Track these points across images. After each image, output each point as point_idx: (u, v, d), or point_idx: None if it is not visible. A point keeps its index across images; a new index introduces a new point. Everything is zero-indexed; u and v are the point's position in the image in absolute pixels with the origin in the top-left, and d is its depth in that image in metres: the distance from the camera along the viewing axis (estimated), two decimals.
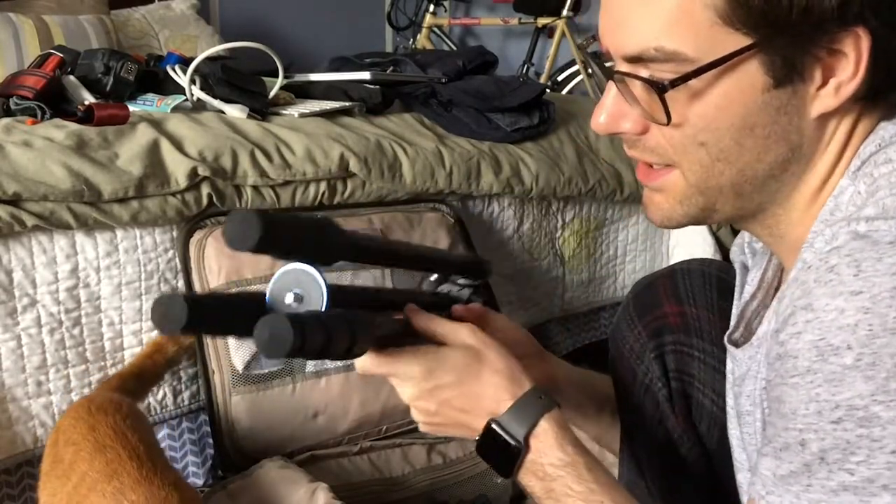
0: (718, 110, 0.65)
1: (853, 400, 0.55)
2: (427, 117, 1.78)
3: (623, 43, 0.67)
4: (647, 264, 2.05)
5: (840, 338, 0.56)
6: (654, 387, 0.96)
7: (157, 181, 1.34)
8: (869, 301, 0.55)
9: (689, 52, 0.64)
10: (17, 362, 1.26)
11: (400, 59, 2.05)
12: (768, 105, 0.65)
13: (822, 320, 0.57)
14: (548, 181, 1.77)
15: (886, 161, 0.63)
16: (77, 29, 2.35)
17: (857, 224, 0.59)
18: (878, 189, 0.62)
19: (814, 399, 0.57)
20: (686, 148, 0.68)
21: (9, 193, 1.20)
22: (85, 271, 1.31)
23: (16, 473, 1.28)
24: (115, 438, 1.02)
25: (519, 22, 3.82)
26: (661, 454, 0.96)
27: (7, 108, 1.46)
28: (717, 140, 0.67)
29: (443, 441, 1.51)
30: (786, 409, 0.59)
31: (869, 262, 0.56)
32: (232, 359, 1.34)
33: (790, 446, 0.59)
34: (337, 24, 3.68)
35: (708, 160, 0.68)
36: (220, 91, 1.60)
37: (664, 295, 0.97)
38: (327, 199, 1.53)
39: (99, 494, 0.96)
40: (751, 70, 0.64)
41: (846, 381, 0.55)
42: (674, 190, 0.72)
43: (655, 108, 0.67)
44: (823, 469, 0.57)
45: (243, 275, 1.38)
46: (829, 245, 0.60)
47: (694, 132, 0.67)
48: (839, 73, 0.64)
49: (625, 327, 0.98)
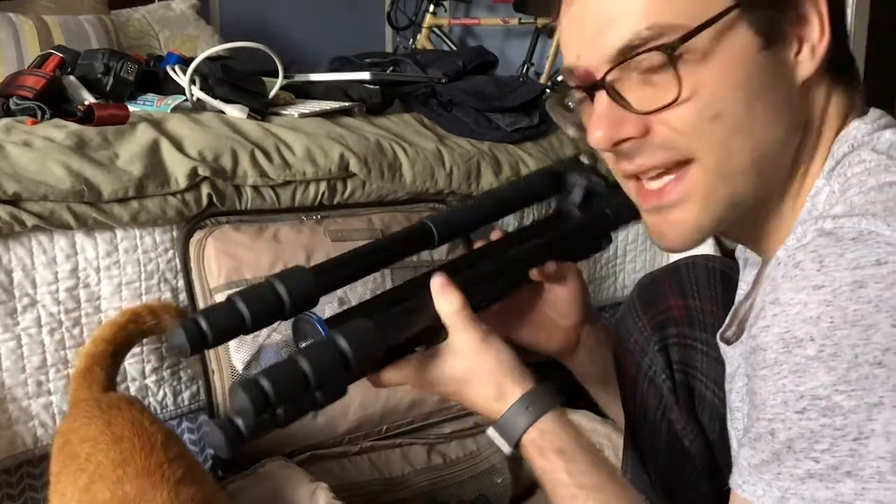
0: (723, 74, 0.65)
1: (816, 390, 0.56)
2: (427, 117, 1.78)
3: (608, 44, 0.67)
4: (647, 264, 2.05)
5: (804, 330, 0.57)
6: (658, 379, 0.96)
7: (157, 181, 1.34)
8: (830, 294, 0.56)
9: (682, 20, 0.64)
10: (17, 362, 1.26)
11: (400, 59, 2.05)
12: (765, 66, 0.66)
13: (787, 313, 0.58)
14: None
15: (859, 161, 0.66)
16: (77, 29, 2.35)
17: (825, 222, 0.61)
18: (849, 188, 0.64)
19: (780, 390, 0.58)
20: (701, 126, 0.66)
21: (9, 193, 1.21)
22: (85, 271, 1.31)
23: (16, 473, 1.28)
24: (132, 430, 1.03)
25: (519, 22, 3.81)
26: (665, 446, 0.97)
27: (7, 108, 1.46)
28: (731, 106, 0.66)
29: (443, 441, 1.51)
30: (757, 401, 0.61)
31: (831, 258, 0.57)
32: (232, 359, 1.34)
33: (762, 436, 0.60)
34: (337, 24, 3.68)
35: (725, 135, 0.66)
36: (220, 91, 1.61)
37: (669, 289, 0.98)
38: (327, 199, 1.53)
39: (105, 481, 0.97)
40: (742, 30, 0.65)
41: (809, 372, 0.57)
42: (695, 191, 0.69)
43: (659, 92, 0.66)
44: (791, 457, 0.58)
45: (243, 275, 1.38)
46: (798, 242, 0.61)
47: (707, 102, 0.65)
48: (809, 36, 0.67)
49: (629, 321, 0.99)
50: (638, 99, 0.67)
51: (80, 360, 1.23)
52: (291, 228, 1.45)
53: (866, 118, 0.70)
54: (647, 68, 0.66)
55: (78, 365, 1.23)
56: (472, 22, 4.04)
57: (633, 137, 0.69)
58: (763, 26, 0.66)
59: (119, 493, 0.93)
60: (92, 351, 1.24)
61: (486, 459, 1.53)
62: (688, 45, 0.64)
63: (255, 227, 1.43)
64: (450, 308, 0.77)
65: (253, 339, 1.35)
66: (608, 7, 0.67)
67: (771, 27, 0.66)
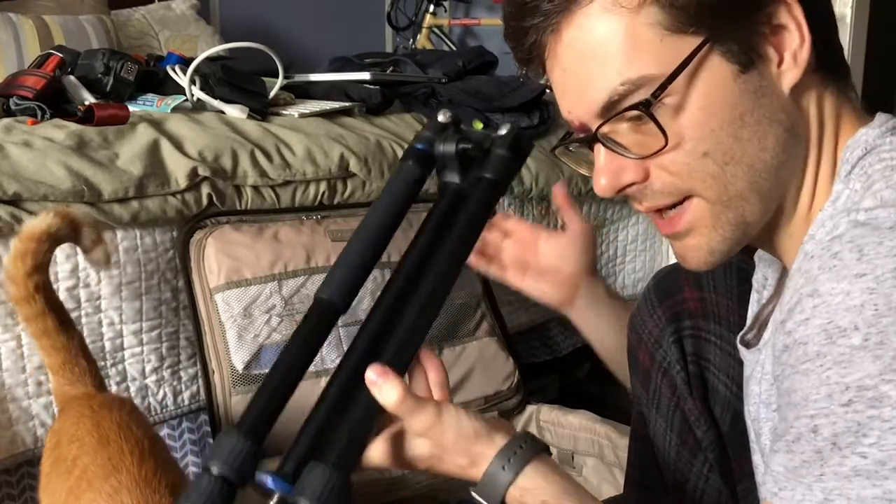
0: (705, 113, 0.66)
1: (863, 380, 0.55)
2: (427, 117, 1.78)
3: (592, 100, 0.68)
4: (647, 264, 2.05)
5: (847, 319, 0.56)
6: (673, 370, 0.97)
7: (157, 181, 1.34)
8: (873, 282, 0.56)
9: (652, 71, 0.65)
10: (17, 362, 1.26)
11: (400, 59, 2.05)
12: (745, 91, 0.66)
13: (828, 304, 0.57)
14: (548, 181, 1.77)
15: (879, 160, 0.65)
16: (77, 29, 2.35)
17: (857, 214, 0.61)
18: (874, 183, 0.64)
19: (824, 382, 0.57)
20: (692, 167, 0.68)
21: (9, 193, 1.21)
22: (85, 271, 1.31)
23: (16, 473, 1.28)
24: (119, 433, 1.02)
25: None
26: (677, 437, 0.97)
27: (7, 108, 1.46)
28: (717, 143, 0.67)
29: None
30: (797, 398, 0.59)
31: (871, 246, 0.57)
32: (232, 359, 1.34)
33: (802, 436, 0.59)
34: (337, 24, 3.68)
35: (717, 169, 0.68)
36: (220, 91, 1.61)
37: (685, 281, 0.98)
38: (327, 199, 1.53)
39: (96, 492, 0.95)
40: (715, 64, 0.66)
41: (855, 362, 0.56)
42: (701, 219, 0.71)
43: (649, 139, 0.67)
44: (836, 455, 0.57)
45: (243, 275, 1.38)
46: (830, 235, 0.61)
47: (693, 145, 0.67)
48: (789, 45, 0.67)
49: (645, 313, 0.99)
50: (633, 144, 0.69)
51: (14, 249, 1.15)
52: (291, 228, 1.46)
53: (873, 123, 0.69)
54: (632, 118, 0.68)
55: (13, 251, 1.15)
56: (472, 22, 4.04)
57: (636, 183, 0.70)
58: (736, 53, 0.65)
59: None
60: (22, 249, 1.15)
61: None
62: (665, 95, 0.65)
63: (255, 227, 1.43)
64: (393, 399, 0.69)
65: (253, 338, 1.35)
66: (585, 68, 0.68)
67: (745, 51, 0.66)
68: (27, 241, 1.14)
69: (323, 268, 1.44)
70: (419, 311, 0.69)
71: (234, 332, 1.35)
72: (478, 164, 0.72)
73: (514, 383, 1.57)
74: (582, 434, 1.52)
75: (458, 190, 0.73)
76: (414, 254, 0.72)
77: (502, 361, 1.57)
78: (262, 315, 1.37)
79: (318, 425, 0.70)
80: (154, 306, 1.39)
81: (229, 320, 1.35)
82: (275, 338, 1.36)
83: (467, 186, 0.73)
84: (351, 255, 0.71)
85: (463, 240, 0.70)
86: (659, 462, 1.00)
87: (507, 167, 0.71)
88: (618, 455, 1.45)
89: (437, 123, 0.75)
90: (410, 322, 0.69)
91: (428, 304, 0.69)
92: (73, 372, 1.16)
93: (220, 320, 1.36)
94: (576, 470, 1.54)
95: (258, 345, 1.35)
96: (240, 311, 1.36)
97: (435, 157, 0.74)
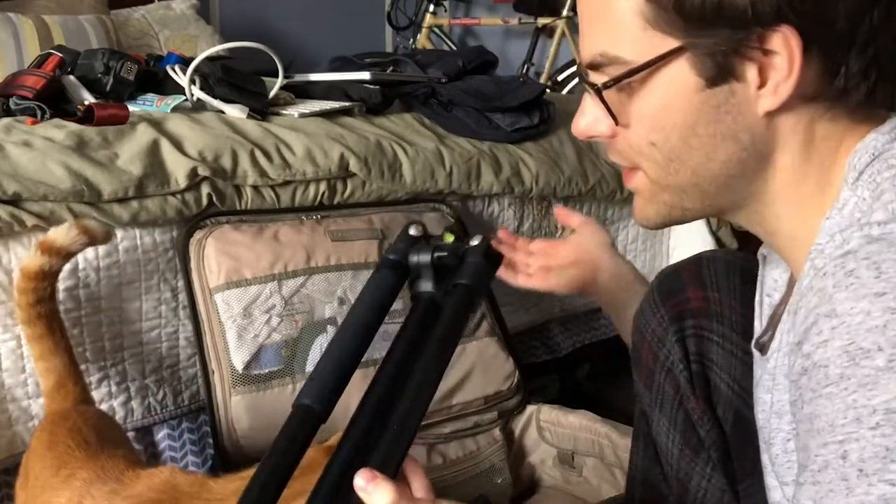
0: (659, 110, 0.69)
1: (890, 402, 0.53)
2: (427, 117, 1.78)
3: (585, 52, 0.72)
4: (647, 264, 2.05)
5: (870, 339, 0.55)
6: (676, 369, 0.97)
7: (157, 181, 1.34)
8: (894, 301, 0.54)
9: (626, 55, 0.67)
10: (17, 362, 1.26)
11: (400, 59, 2.05)
12: (706, 105, 0.67)
13: (848, 324, 0.56)
14: (548, 181, 1.77)
15: (888, 167, 0.64)
16: (77, 29, 2.35)
17: (870, 228, 0.59)
18: (883, 192, 0.62)
19: (851, 406, 0.55)
20: (641, 148, 0.71)
21: (9, 193, 1.21)
22: (85, 271, 1.31)
23: (15, 473, 1.28)
24: (67, 436, 1.05)
25: (519, 22, 3.81)
26: (681, 436, 0.98)
27: (7, 108, 1.46)
28: (665, 139, 0.69)
29: (443, 441, 1.51)
30: (821, 424, 0.57)
31: (888, 263, 0.56)
32: (232, 359, 1.34)
33: (830, 463, 0.56)
34: (337, 24, 3.68)
35: (661, 159, 0.71)
36: (220, 91, 1.61)
37: (688, 280, 0.99)
38: (327, 199, 1.53)
39: (50, 490, 0.97)
40: (682, 71, 0.66)
41: (881, 384, 0.54)
42: (643, 190, 0.75)
43: (621, 107, 0.71)
44: (862, 483, 0.54)
45: (243, 275, 1.38)
46: (840, 249, 0.60)
47: (643, 132, 0.70)
48: (774, 74, 0.65)
49: (648, 312, 0.99)
50: (613, 102, 0.71)
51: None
52: (291, 228, 1.46)
53: (883, 128, 0.67)
54: None
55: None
56: (472, 22, 4.05)
57: (605, 136, 0.74)
58: (708, 68, 0.65)
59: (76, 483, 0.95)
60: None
61: (486, 459, 1.52)
62: (629, 81, 0.68)
63: (255, 227, 1.43)
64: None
65: (253, 338, 1.35)
66: (587, 24, 0.72)
67: (717, 67, 0.65)
68: (25, 280, 1.19)
69: (323, 268, 1.44)
70: (402, 422, 0.68)
71: (233, 332, 1.35)
72: (451, 273, 0.73)
73: (515, 383, 1.57)
74: (582, 434, 1.52)
75: (433, 298, 0.75)
76: (390, 364, 0.72)
77: (502, 361, 1.57)
78: (261, 315, 1.37)
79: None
80: (154, 306, 1.39)
81: (229, 320, 1.35)
82: (275, 338, 1.36)
83: (443, 294, 0.74)
84: (329, 361, 0.71)
85: (445, 343, 0.71)
86: (662, 461, 1.00)
87: (482, 274, 0.73)
88: (618, 455, 1.45)
89: (409, 237, 0.76)
90: (395, 434, 0.68)
91: (410, 415, 0.68)
92: (59, 394, 1.20)
93: (219, 320, 1.36)
94: (576, 470, 1.54)
95: (258, 345, 1.35)
96: (239, 311, 1.36)
97: (409, 268, 0.76)
